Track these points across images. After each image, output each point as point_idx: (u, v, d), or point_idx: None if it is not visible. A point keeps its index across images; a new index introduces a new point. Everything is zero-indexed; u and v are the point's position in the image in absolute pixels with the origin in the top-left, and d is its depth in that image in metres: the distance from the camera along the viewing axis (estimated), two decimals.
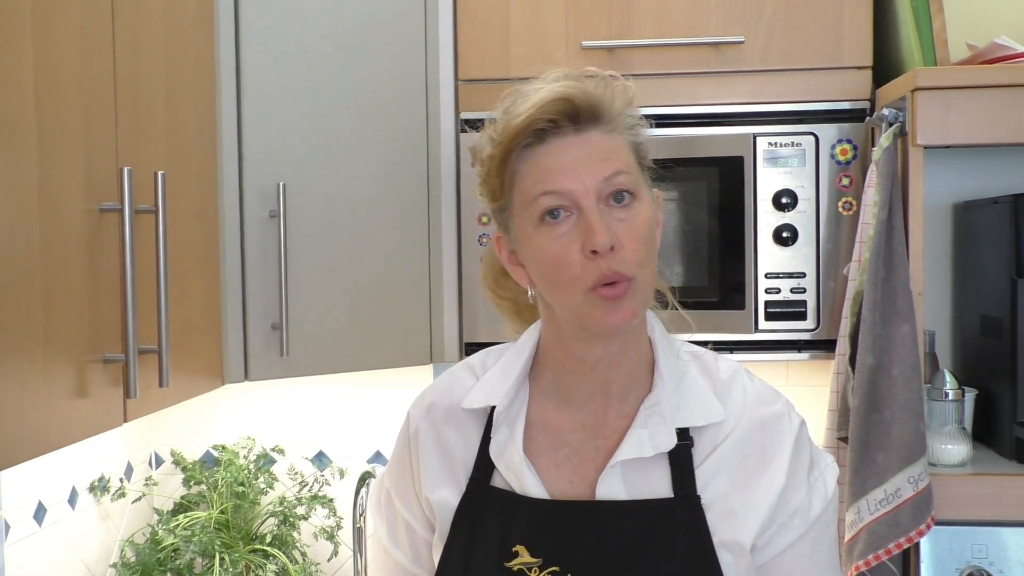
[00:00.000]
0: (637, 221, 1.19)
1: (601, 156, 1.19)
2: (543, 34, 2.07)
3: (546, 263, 1.21)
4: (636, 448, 1.24)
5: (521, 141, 1.20)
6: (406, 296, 2.04)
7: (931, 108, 1.78)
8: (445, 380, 1.40)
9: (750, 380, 1.32)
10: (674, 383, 1.28)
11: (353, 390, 2.47)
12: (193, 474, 2.35)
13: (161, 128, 1.56)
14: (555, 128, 1.20)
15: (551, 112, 1.19)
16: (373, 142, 1.98)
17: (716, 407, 1.27)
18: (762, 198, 2.01)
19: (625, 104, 1.24)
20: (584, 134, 1.20)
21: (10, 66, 1.17)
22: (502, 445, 1.29)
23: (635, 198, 1.20)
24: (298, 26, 1.89)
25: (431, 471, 1.33)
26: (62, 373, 1.26)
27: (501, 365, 1.35)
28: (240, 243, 1.84)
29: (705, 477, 1.24)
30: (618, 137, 1.22)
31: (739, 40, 2.02)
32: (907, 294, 1.81)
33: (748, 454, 1.26)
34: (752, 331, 2.02)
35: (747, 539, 1.23)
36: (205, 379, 1.74)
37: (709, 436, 1.26)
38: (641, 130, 1.26)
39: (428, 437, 1.35)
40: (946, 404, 1.89)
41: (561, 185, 1.18)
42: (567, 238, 1.18)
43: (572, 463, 1.28)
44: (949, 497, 1.81)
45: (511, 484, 1.28)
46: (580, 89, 1.19)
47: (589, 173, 1.18)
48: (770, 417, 1.28)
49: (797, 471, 1.26)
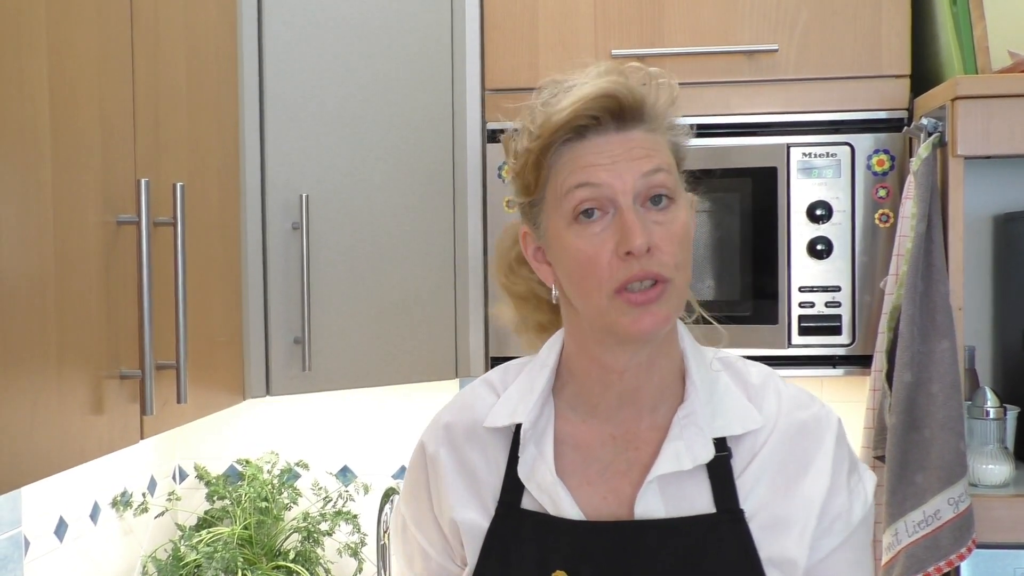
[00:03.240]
0: (675, 225, 1.15)
1: (643, 152, 1.14)
2: (572, 43, 2.04)
3: (575, 262, 1.16)
4: (674, 461, 1.18)
5: (561, 136, 1.16)
6: (431, 309, 2.01)
7: (972, 117, 1.74)
8: (464, 398, 1.34)
9: (783, 384, 1.27)
10: (707, 392, 1.23)
11: (378, 404, 2.44)
12: (217, 489, 2.33)
13: (181, 139, 1.54)
14: (597, 124, 1.15)
15: (595, 109, 1.14)
16: (398, 153, 1.95)
17: (753, 414, 1.22)
18: (796, 210, 1.97)
19: (668, 103, 1.19)
20: (627, 132, 1.15)
21: (25, 75, 1.14)
22: (531, 464, 1.23)
23: (673, 201, 1.16)
24: (322, 35, 1.86)
25: (455, 494, 1.28)
26: (77, 389, 1.24)
27: (523, 380, 1.29)
28: (262, 256, 1.81)
29: (746, 488, 1.20)
30: (660, 137, 1.18)
31: (773, 48, 1.98)
32: (947, 309, 1.76)
33: (788, 460, 1.21)
34: (785, 346, 1.97)
35: (797, 553, 1.18)
36: (226, 394, 1.72)
37: (747, 445, 1.21)
38: (682, 131, 1.22)
39: (448, 459, 1.30)
40: (987, 423, 1.84)
41: (599, 178, 1.13)
42: (600, 238, 1.14)
43: (604, 479, 1.23)
44: (991, 519, 1.77)
45: (544, 505, 1.22)
46: (625, 86, 1.15)
47: (629, 169, 1.13)
48: (809, 420, 1.23)
49: (839, 473, 1.21)
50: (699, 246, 1.97)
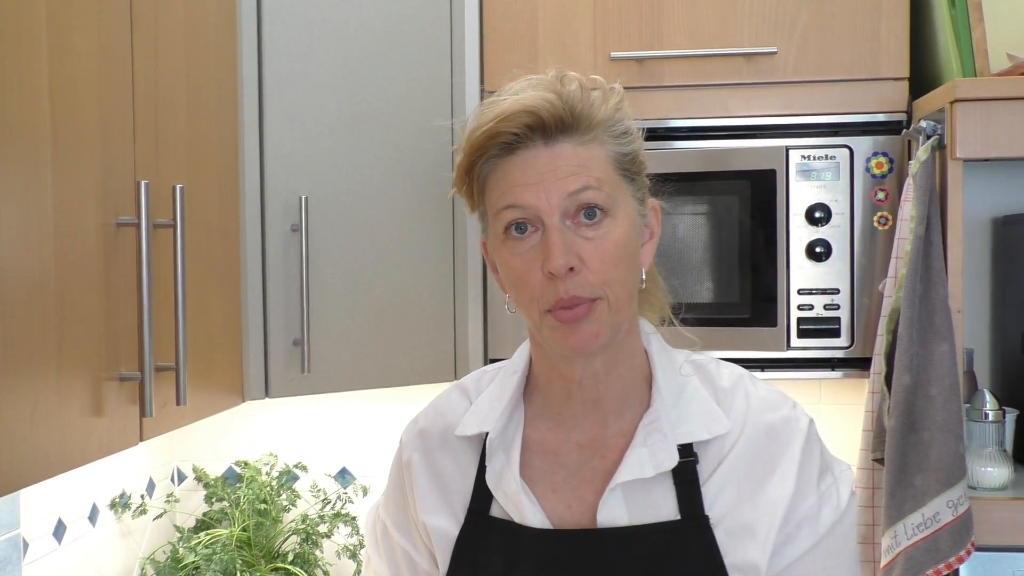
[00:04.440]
0: (606, 240, 1.13)
1: (569, 170, 1.12)
2: (571, 45, 2.04)
3: (509, 278, 1.17)
4: (636, 468, 1.17)
5: (486, 153, 1.15)
6: (430, 311, 2.01)
7: (971, 120, 1.74)
8: (438, 404, 1.34)
9: (753, 385, 1.24)
10: (674, 397, 1.21)
11: (377, 406, 2.44)
12: (215, 491, 2.33)
13: (181, 140, 1.54)
14: (521, 140, 1.13)
15: (514, 125, 1.12)
16: (397, 154, 1.95)
17: (720, 418, 1.20)
18: (795, 212, 1.97)
19: (609, 112, 1.17)
20: (555, 146, 1.13)
21: (25, 75, 1.14)
22: (499, 472, 1.22)
23: (607, 215, 1.14)
24: (321, 38, 1.86)
25: (425, 499, 1.28)
26: (77, 391, 1.24)
27: (495, 387, 1.29)
28: (261, 258, 1.81)
29: (712, 493, 1.18)
30: (595, 148, 1.15)
31: (772, 50, 1.98)
32: (946, 311, 1.76)
33: (755, 463, 1.19)
34: (784, 348, 1.97)
35: (760, 559, 1.16)
36: (225, 396, 1.71)
37: (714, 449, 1.19)
38: (627, 139, 1.18)
39: (421, 466, 1.30)
40: (986, 425, 1.84)
41: (524, 200, 1.13)
42: (530, 255, 1.13)
43: (570, 486, 1.22)
44: (990, 522, 1.76)
45: (510, 513, 1.21)
46: (548, 101, 1.12)
47: (555, 188, 1.12)
48: (777, 422, 1.20)
49: (806, 477, 1.18)
50: (697, 248, 1.97)
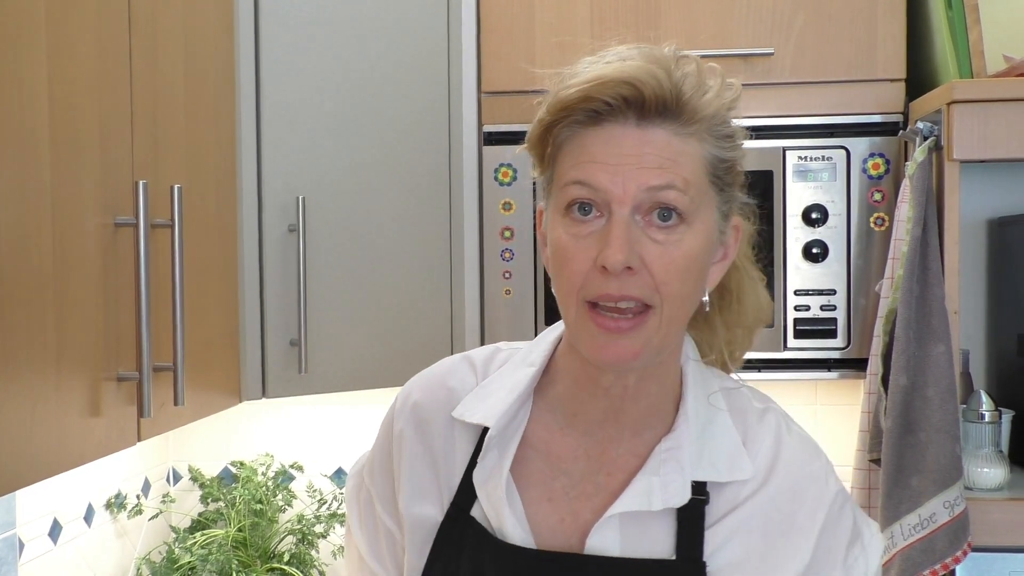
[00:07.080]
0: (676, 249, 0.99)
1: (656, 161, 0.98)
2: (568, 46, 2.03)
3: (556, 256, 1.02)
4: (642, 498, 1.05)
5: (569, 116, 1.01)
6: (427, 312, 2.01)
7: (968, 121, 1.74)
8: (440, 373, 1.19)
9: (788, 432, 1.11)
10: (700, 427, 1.08)
11: (373, 406, 2.43)
12: (211, 491, 2.33)
13: (179, 141, 1.54)
14: (613, 113, 0.99)
15: (610, 94, 0.98)
16: (394, 155, 1.95)
17: (744, 462, 1.07)
18: (791, 213, 1.97)
19: (720, 109, 1.02)
20: (648, 129, 0.99)
21: (24, 76, 1.14)
22: (488, 471, 1.09)
23: (684, 221, 1.00)
24: (318, 38, 1.86)
25: (412, 482, 1.14)
26: (75, 391, 1.23)
27: (506, 375, 1.14)
28: (258, 258, 1.81)
29: (716, 541, 1.05)
30: (692, 145, 1.00)
31: (768, 52, 1.98)
32: (942, 312, 1.77)
33: (773, 520, 1.06)
34: (781, 349, 1.97)
35: None
36: (222, 396, 1.71)
37: (729, 494, 1.07)
38: (730, 144, 1.04)
39: (412, 441, 1.15)
40: (982, 426, 1.84)
41: (597, 180, 0.98)
42: (587, 241, 0.99)
43: (568, 498, 1.09)
44: (986, 523, 1.77)
45: (490, 519, 1.09)
46: (655, 77, 0.98)
47: (634, 177, 0.98)
48: (804, 480, 1.08)
49: (828, 547, 1.06)
50: None
